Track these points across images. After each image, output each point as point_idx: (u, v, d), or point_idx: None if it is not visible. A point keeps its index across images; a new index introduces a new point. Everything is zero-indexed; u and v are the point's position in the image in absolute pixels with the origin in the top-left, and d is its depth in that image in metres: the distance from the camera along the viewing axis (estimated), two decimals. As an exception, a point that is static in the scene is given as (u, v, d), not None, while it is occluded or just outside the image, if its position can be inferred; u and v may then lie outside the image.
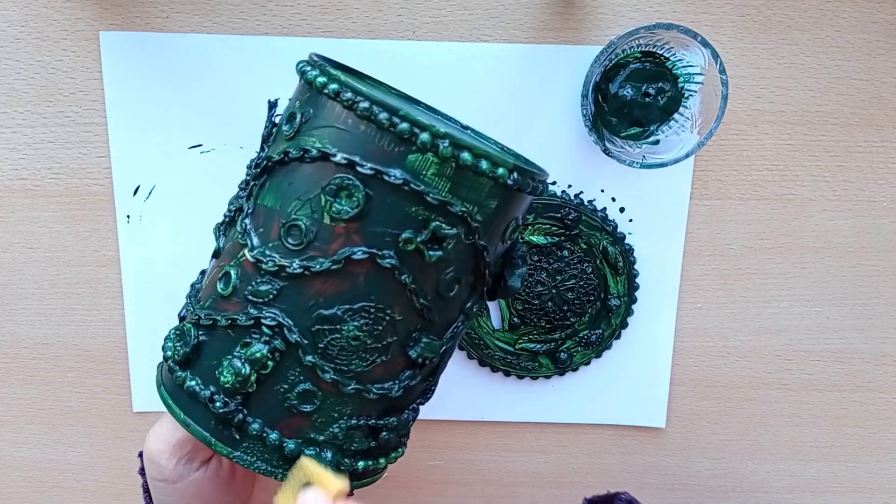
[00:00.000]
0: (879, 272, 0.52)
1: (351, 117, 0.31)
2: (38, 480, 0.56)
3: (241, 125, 0.49)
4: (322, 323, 0.32)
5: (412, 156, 0.31)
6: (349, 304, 0.32)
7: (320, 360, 0.33)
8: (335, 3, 0.47)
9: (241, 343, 0.33)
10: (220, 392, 0.33)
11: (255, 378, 0.33)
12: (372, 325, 0.33)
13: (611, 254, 0.51)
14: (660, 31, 0.44)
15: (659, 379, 0.54)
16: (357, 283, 0.32)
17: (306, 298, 0.32)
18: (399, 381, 0.35)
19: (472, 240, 0.33)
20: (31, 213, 0.51)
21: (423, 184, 0.31)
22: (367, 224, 0.31)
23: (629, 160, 0.46)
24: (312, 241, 0.32)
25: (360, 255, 0.31)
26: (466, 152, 0.31)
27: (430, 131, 0.31)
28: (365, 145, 0.31)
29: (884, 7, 0.48)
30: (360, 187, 0.31)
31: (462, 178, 0.31)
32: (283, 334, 0.32)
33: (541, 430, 0.55)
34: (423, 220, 0.32)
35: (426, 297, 0.33)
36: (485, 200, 0.32)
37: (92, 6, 0.47)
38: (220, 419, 0.33)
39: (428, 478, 0.56)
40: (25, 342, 0.53)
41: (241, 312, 0.33)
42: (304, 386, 0.33)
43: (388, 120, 0.31)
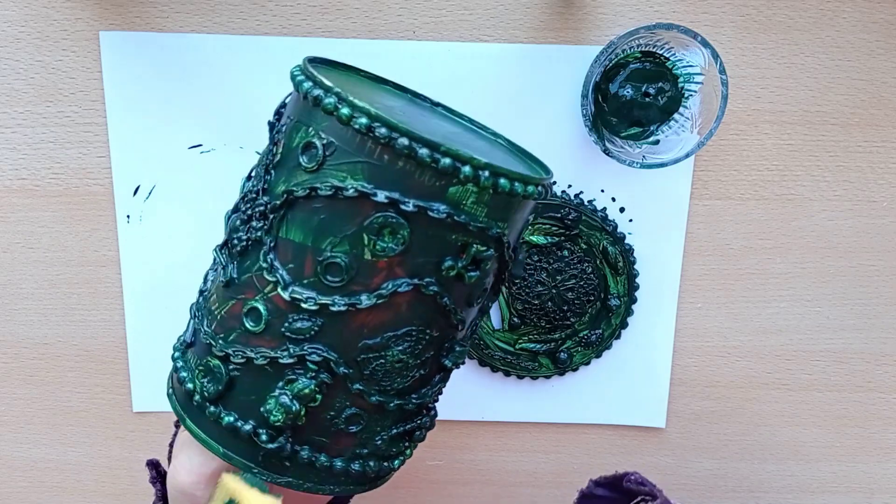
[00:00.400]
0: (879, 272, 0.52)
1: (387, 153, 0.31)
2: (38, 480, 0.56)
3: (241, 125, 0.49)
4: (367, 352, 0.33)
5: (453, 188, 0.31)
6: (393, 332, 0.33)
7: (366, 385, 0.33)
8: (335, 3, 0.47)
9: (284, 379, 0.33)
10: (263, 426, 0.34)
11: (304, 413, 0.33)
12: (414, 346, 0.33)
13: (611, 254, 0.51)
14: (660, 31, 0.44)
15: (659, 379, 0.54)
16: (400, 311, 0.33)
17: (350, 332, 0.33)
18: (432, 386, 0.36)
19: (500, 252, 0.34)
20: (31, 213, 0.51)
21: (465, 214, 0.31)
22: (410, 257, 0.32)
23: (629, 160, 0.46)
24: (354, 277, 0.32)
25: (405, 288, 0.32)
26: (504, 179, 0.31)
27: (472, 164, 0.31)
28: (404, 181, 0.31)
29: (884, 7, 0.48)
30: (405, 225, 0.31)
31: (498, 201, 0.32)
32: (330, 368, 0.33)
33: (541, 430, 0.55)
34: (462, 246, 0.32)
35: (462, 311, 0.34)
36: (513, 216, 0.34)
37: (92, 6, 0.47)
38: (270, 453, 0.34)
39: (428, 478, 0.56)
40: (25, 342, 0.53)
41: (278, 349, 0.33)
42: (351, 410, 0.34)
43: (429, 156, 0.30)
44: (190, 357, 0.36)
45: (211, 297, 0.36)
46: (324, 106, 0.31)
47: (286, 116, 0.34)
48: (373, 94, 0.38)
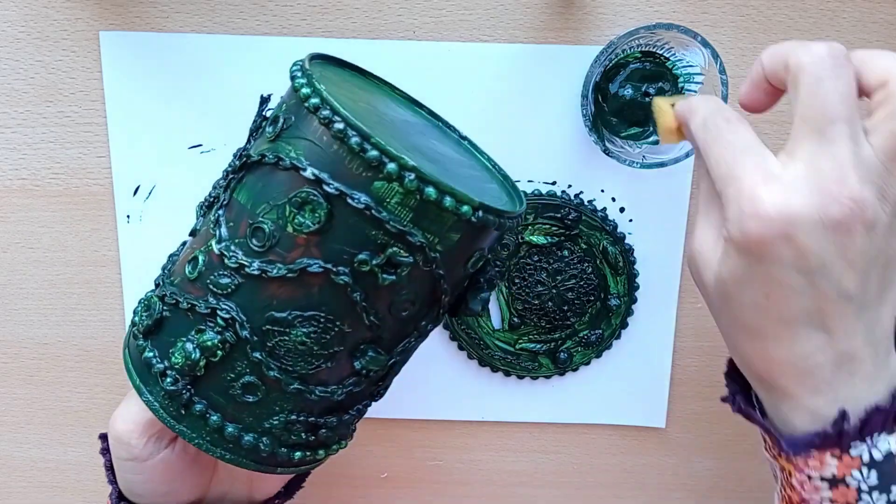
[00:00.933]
0: (879, 272, 0.52)
1: (326, 135, 0.32)
2: (38, 480, 0.56)
3: (241, 125, 0.49)
4: (273, 324, 0.34)
5: (378, 183, 0.32)
6: (300, 311, 0.33)
7: (266, 357, 0.34)
8: (335, 3, 0.47)
9: (196, 328, 0.35)
10: (172, 369, 0.35)
11: (203, 364, 0.34)
12: (320, 334, 0.34)
13: (611, 254, 0.51)
14: (660, 31, 0.44)
15: (659, 379, 0.54)
16: (310, 292, 0.33)
17: (261, 298, 0.34)
18: (343, 386, 0.36)
19: (429, 268, 0.34)
20: (31, 213, 0.51)
21: (386, 211, 0.32)
22: (327, 240, 0.33)
23: (629, 160, 0.46)
24: (274, 246, 0.33)
25: (315, 269, 0.33)
26: (431, 188, 0.32)
27: (398, 162, 0.31)
28: (334, 165, 0.32)
29: (884, 7, 0.48)
30: (323, 205, 0.32)
31: (425, 210, 0.32)
32: (235, 328, 0.34)
33: (541, 430, 0.55)
34: (382, 245, 0.33)
35: (377, 315, 0.34)
36: (447, 233, 0.33)
37: (92, 6, 0.47)
38: (169, 394, 0.35)
39: (428, 478, 0.56)
40: (25, 342, 0.53)
41: (201, 299, 0.35)
42: (249, 378, 0.35)
43: (358, 145, 0.31)
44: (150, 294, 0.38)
45: (183, 245, 0.39)
46: (294, 84, 0.34)
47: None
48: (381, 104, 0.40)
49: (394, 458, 0.55)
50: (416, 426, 0.55)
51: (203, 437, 0.36)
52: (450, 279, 0.35)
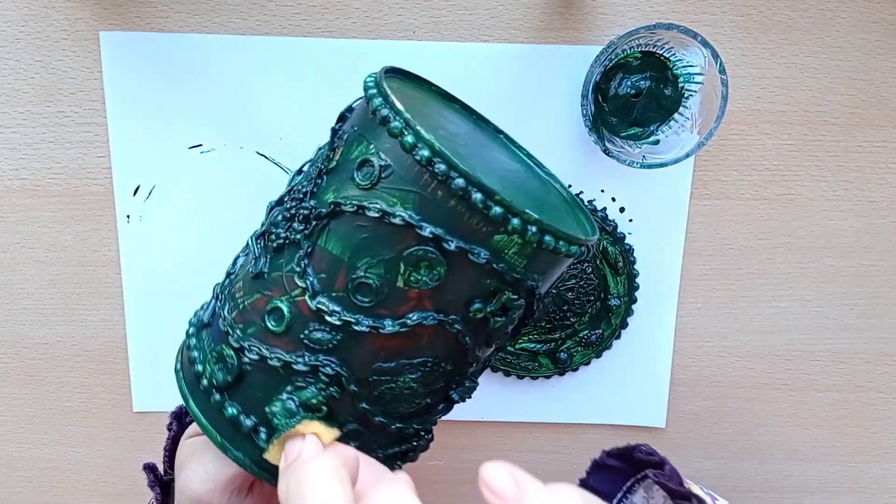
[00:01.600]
0: (879, 272, 0.52)
1: (441, 190, 0.30)
2: (38, 480, 0.56)
3: (241, 125, 0.49)
4: (380, 374, 0.33)
5: (498, 236, 0.31)
6: (409, 360, 0.33)
7: (372, 406, 0.34)
8: (335, 3, 0.47)
9: (294, 385, 0.33)
10: (264, 425, 0.33)
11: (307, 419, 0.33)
12: (427, 376, 0.34)
13: (611, 254, 0.51)
14: (660, 31, 0.44)
15: (659, 379, 0.54)
16: (420, 342, 0.33)
17: (367, 353, 0.33)
18: (435, 414, 0.36)
19: (531, 303, 0.34)
20: (31, 213, 0.51)
21: (505, 263, 0.32)
22: (442, 293, 0.32)
23: (629, 160, 0.46)
24: (383, 301, 0.32)
25: (430, 322, 0.32)
26: (550, 236, 0.31)
27: (522, 218, 0.31)
28: (452, 220, 0.31)
29: (884, 7, 0.48)
30: (443, 262, 0.31)
31: (540, 256, 0.32)
32: (341, 383, 0.33)
33: (541, 430, 0.55)
34: (494, 291, 0.32)
35: (479, 351, 0.35)
36: (550, 269, 0.34)
37: (92, 6, 0.47)
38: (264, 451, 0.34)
39: (428, 478, 0.56)
40: (25, 342, 0.53)
41: (294, 354, 0.33)
42: (353, 426, 0.34)
43: (482, 202, 0.30)
44: (204, 338, 0.36)
45: (237, 282, 0.35)
46: (390, 128, 0.31)
47: (350, 124, 0.34)
48: (439, 116, 0.38)
49: (394, 458, 0.55)
50: (416, 426, 0.55)
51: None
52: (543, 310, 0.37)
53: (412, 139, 0.30)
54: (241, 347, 0.34)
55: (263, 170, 0.49)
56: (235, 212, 0.50)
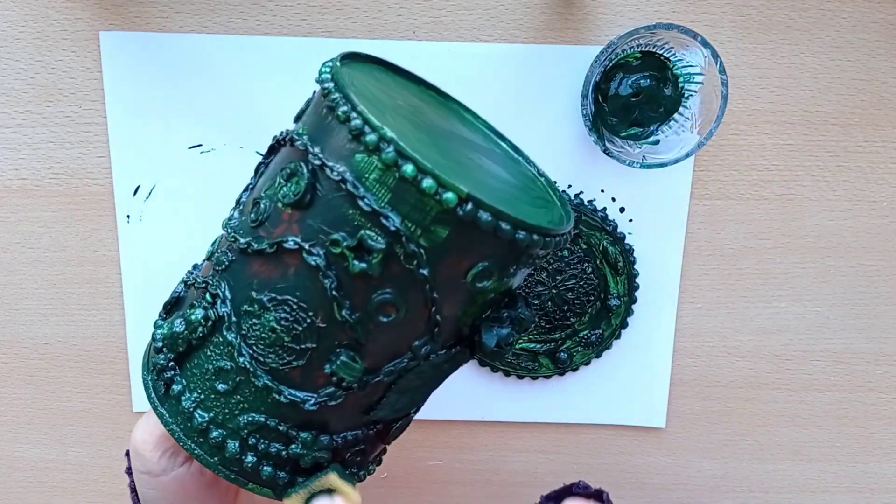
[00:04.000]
0: (879, 272, 0.52)
1: (325, 107, 0.31)
2: (38, 480, 0.56)
3: (241, 125, 0.49)
4: (250, 304, 0.32)
5: (359, 156, 0.30)
6: (276, 294, 0.32)
7: (239, 340, 0.32)
8: (335, 3, 0.47)
9: (190, 304, 0.34)
10: (163, 343, 0.35)
11: (185, 338, 0.34)
12: (291, 323, 0.31)
13: (611, 254, 0.51)
14: (660, 31, 0.44)
15: (659, 379, 0.54)
16: (287, 274, 0.31)
17: (246, 276, 0.32)
18: (317, 395, 0.33)
19: (411, 265, 0.30)
20: (31, 213, 0.51)
21: (363, 187, 0.30)
22: (308, 216, 0.31)
23: (629, 160, 0.46)
24: (264, 221, 0.32)
25: (290, 245, 0.31)
26: (410, 165, 0.29)
27: (378, 132, 0.29)
28: (327, 137, 0.31)
29: (884, 7, 0.48)
30: (305, 175, 0.31)
31: (404, 192, 0.29)
32: (216, 305, 0.33)
33: (541, 430, 0.55)
34: (357, 227, 0.30)
35: (351, 313, 0.31)
36: (431, 225, 0.30)
37: (92, 6, 0.47)
38: (157, 369, 0.35)
39: (428, 478, 0.56)
40: (25, 342, 0.53)
41: (203, 277, 0.34)
42: (223, 363, 0.33)
43: (345, 114, 0.30)
44: None
45: None
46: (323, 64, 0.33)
47: None
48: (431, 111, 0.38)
49: (394, 458, 0.55)
50: (415, 426, 0.55)
51: (177, 423, 0.34)
52: (441, 288, 0.31)
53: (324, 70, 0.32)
54: (186, 278, 0.36)
55: (263, 170, 0.49)
56: (235, 212, 0.50)
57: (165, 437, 0.37)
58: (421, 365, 0.33)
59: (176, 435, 0.34)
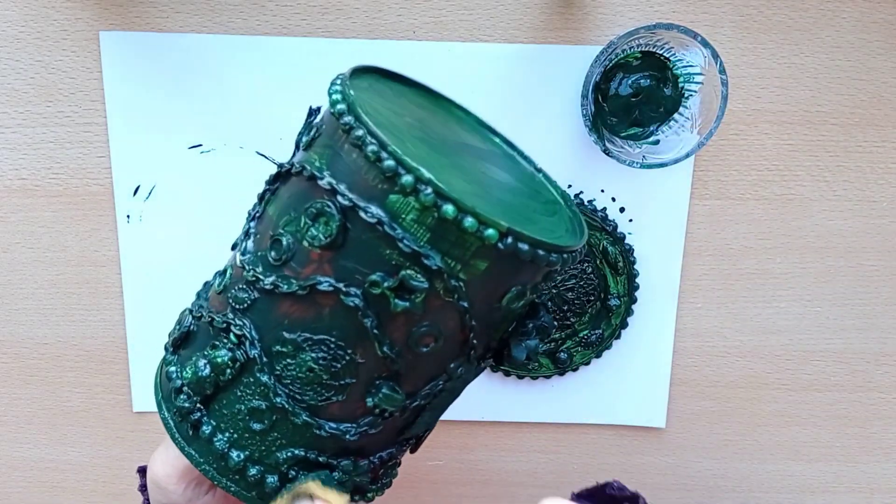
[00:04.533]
0: (879, 272, 0.52)
1: (347, 143, 0.30)
2: (38, 480, 0.56)
3: (241, 125, 0.49)
4: (283, 345, 0.32)
5: (393, 196, 0.29)
6: (311, 334, 0.31)
7: (275, 382, 0.32)
8: (335, 3, 0.47)
9: (211, 344, 0.33)
10: (186, 385, 0.34)
11: (212, 381, 0.33)
12: (329, 361, 0.31)
13: (611, 254, 0.51)
14: (660, 31, 0.44)
15: (659, 379, 0.54)
16: (321, 314, 0.31)
17: (274, 316, 0.32)
18: (357, 425, 0.33)
19: (451, 298, 0.30)
20: (31, 213, 0.51)
21: (401, 228, 0.29)
22: (340, 257, 0.30)
23: (629, 160, 0.46)
24: (289, 260, 0.31)
25: (324, 287, 0.30)
26: (450, 205, 0.28)
27: (414, 174, 0.28)
28: (353, 175, 0.30)
29: (884, 7, 0.48)
30: (336, 217, 0.30)
31: (444, 231, 0.29)
32: (246, 347, 0.32)
33: (541, 430, 0.55)
34: (396, 267, 0.30)
35: (392, 348, 0.31)
36: (471, 259, 0.30)
37: (92, 6, 0.47)
38: (180, 412, 0.34)
39: (428, 478, 0.56)
40: (25, 342, 0.53)
41: (220, 313, 0.33)
42: (257, 403, 0.32)
43: (375, 154, 0.29)
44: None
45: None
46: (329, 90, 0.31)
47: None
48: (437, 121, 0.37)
49: (394, 458, 0.55)
50: (416, 426, 0.55)
51: (210, 463, 0.33)
52: (478, 315, 0.31)
53: (337, 96, 0.30)
54: (193, 310, 0.35)
55: (263, 170, 0.49)
56: (235, 212, 0.50)
57: (188, 468, 0.36)
58: (454, 382, 0.34)
59: (210, 475, 0.34)
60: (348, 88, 0.31)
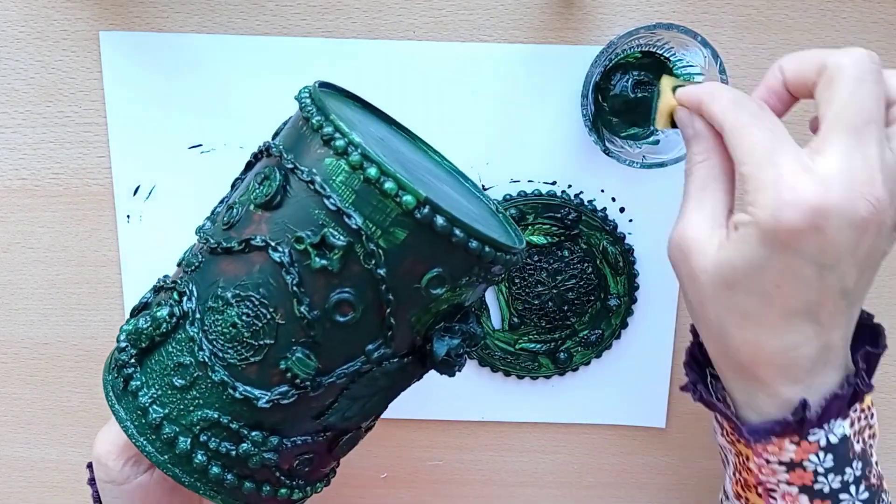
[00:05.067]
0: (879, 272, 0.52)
1: (300, 119, 0.34)
2: (38, 480, 0.56)
3: (241, 125, 0.49)
4: (215, 301, 0.33)
5: (329, 159, 0.32)
6: (240, 291, 0.33)
7: (201, 335, 0.33)
8: (335, 3, 0.47)
9: (157, 303, 0.36)
10: (126, 338, 0.35)
11: (149, 334, 0.34)
12: (252, 318, 0.33)
13: (611, 254, 0.51)
14: (660, 31, 0.44)
15: (659, 379, 0.54)
16: (252, 271, 0.33)
17: (212, 274, 0.34)
18: (270, 392, 0.33)
19: (369, 265, 0.31)
20: (31, 213, 0.51)
21: (330, 188, 0.31)
22: (277, 216, 0.33)
23: (629, 160, 0.46)
24: (236, 223, 0.34)
25: (258, 242, 0.32)
26: (374, 167, 0.31)
27: (347, 137, 0.31)
28: (301, 145, 0.33)
29: (884, 7, 0.48)
30: (277, 177, 0.33)
31: (367, 193, 0.31)
32: (183, 302, 0.34)
33: (541, 430, 0.55)
34: (321, 226, 0.32)
35: (310, 310, 0.32)
36: (390, 227, 0.31)
37: (92, 6, 0.47)
38: (118, 365, 0.35)
39: (428, 478, 0.56)
40: (25, 342, 0.53)
41: (174, 278, 0.36)
42: (183, 358, 0.34)
43: (318, 123, 0.32)
44: None
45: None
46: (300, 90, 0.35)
47: None
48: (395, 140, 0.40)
49: (394, 458, 0.55)
50: (415, 426, 0.55)
51: (132, 420, 0.34)
52: (396, 290, 0.32)
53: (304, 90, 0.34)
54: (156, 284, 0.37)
55: (263, 170, 0.49)
56: (235, 212, 0.50)
57: (128, 445, 0.37)
58: (374, 370, 0.34)
59: (129, 431, 0.34)
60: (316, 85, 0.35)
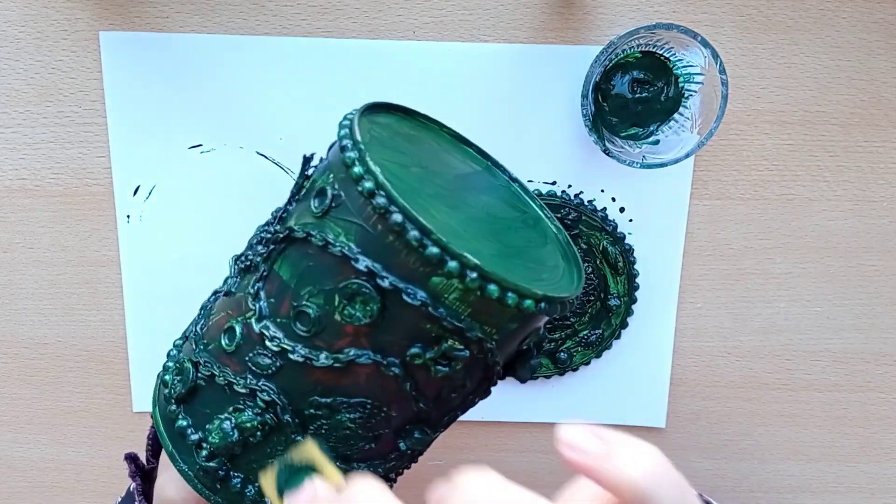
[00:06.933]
0: (879, 272, 0.52)
1: (381, 224, 0.29)
2: (38, 480, 0.56)
3: (241, 125, 0.49)
4: (317, 409, 0.32)
5: (436, 279, 0.29)
6: (346, 398, 0.32)
7: (305, 437, 0.33)
8: (335, 3, 0.47)
9: (234, 406, 0.33)
10: (208, 444, 0.34)
11: (241, 443, 0.33)
12: (366, 419, 0.32)
13: (611, 254, 0.51)
14: (660, 31, 0.44)
15: (659, 379, 0.54)
16: (358, 381, 0.31)
17: (305, 384, 0.32)
18: (386, 461, 0.35)
19: (483, 356, 0.32)
20: (31, 213, 0.51)
21: (444, 308, 0.30)
22: (378, 332, 0.31)
23: (629, 160, 0.46)
24: (320, 332, 0.31)
25: (364, 361, 0.31)
26: (494, 285, 0.29)
27: (460, 261, 0.29)
28: (389, 257, 0.29)
29: (884, 7, 0.48)
30: (376, 298, 0.30)
31: (486, 306, 0.30)
32: (276, 411, 0.32)
33: (541, 430, 0.55)
34: (436, 338, 0.31)
35: (426, 402, 0.33)
36: (505, 324, 0.31)
37: (92, 6, 0.47)
38: (204, 469, 0.34)
39: (428, 478, 0.56)
40: (25, 342, 0.53)
41: (239, 376, 0.33)
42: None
43: (417, 240, 0.29)
44: (182, 349, 0.37)
45: (216, 301, 0.36)
46: (344, 157, 0.30)
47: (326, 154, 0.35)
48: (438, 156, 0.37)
49: (394, 458, 0.55)
50: (416, 426, 0.55)
51: None
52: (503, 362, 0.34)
53: (360, 170, 0.30)
54: (198, 362, 0.34)
55: (263, 170, 0.49)
56: (235, 212, 0.50)
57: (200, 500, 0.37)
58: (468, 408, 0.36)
59: None
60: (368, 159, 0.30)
